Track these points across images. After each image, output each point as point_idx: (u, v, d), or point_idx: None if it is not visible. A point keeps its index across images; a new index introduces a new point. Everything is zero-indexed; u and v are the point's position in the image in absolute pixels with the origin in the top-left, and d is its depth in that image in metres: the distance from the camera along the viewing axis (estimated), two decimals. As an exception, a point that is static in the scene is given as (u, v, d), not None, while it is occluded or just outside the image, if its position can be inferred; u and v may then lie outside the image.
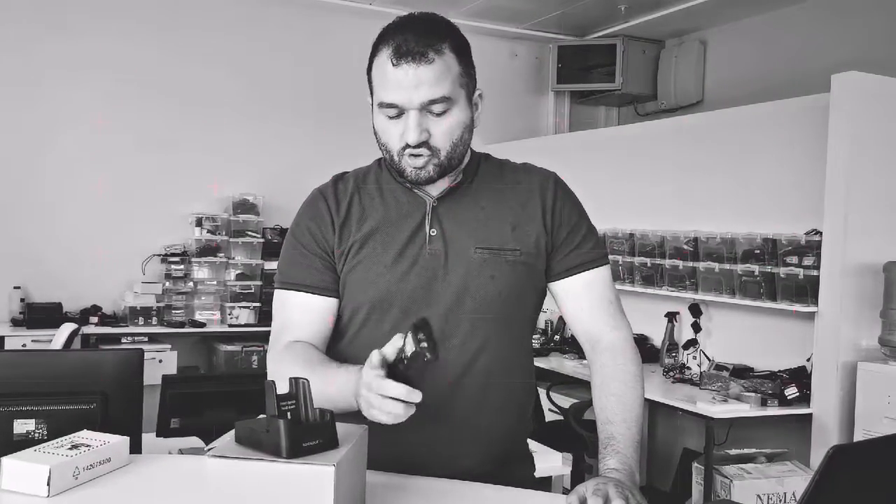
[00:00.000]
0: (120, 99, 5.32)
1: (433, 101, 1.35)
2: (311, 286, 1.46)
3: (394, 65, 1.34)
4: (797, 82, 4.70)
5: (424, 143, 1.37)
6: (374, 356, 1.19)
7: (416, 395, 1.15)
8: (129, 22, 5.35)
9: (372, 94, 1.42)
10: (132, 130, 5.35)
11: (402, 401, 1.15)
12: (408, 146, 1.37)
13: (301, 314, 1.46)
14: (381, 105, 1.37)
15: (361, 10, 5.63)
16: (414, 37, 1.34)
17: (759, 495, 3.34)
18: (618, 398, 1.40)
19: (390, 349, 1.19)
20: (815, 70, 4.52)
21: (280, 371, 1.40)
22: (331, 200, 1.49)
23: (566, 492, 1.26)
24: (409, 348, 1.16)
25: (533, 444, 2.71)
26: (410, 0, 5.46)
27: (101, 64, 5.29)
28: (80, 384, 1.66)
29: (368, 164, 1.56)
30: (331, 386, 1.29)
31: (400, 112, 1.36)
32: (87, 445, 1.41)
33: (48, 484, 1.28)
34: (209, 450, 1.13)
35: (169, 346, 5.04)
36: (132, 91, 5.35)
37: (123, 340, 5.00)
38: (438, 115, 1.37)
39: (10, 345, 4.64)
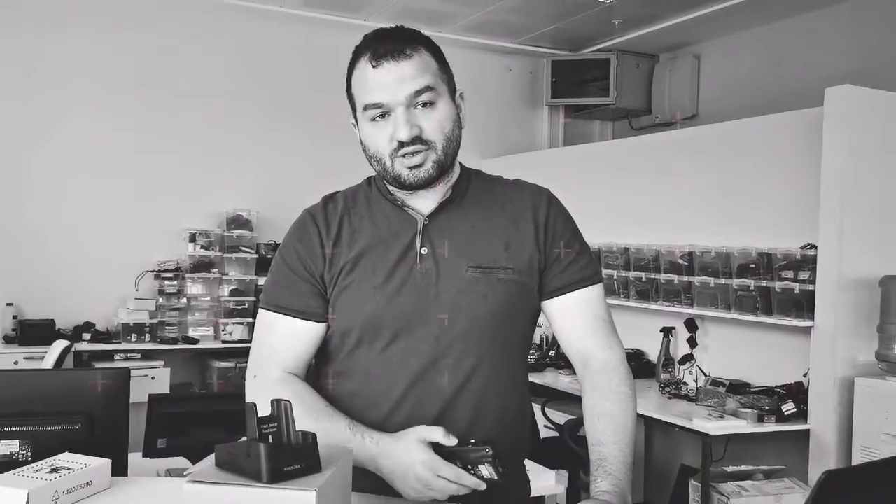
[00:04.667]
0: (113, 116, 5.31)
1: (418, 92, 1.35)
2: (298, 311, 1.43)
3: (374, 66, 1.35)
4: (791, 96, 4.69)
5: (418, 139, 1.35)
6: (429, 436, 1.26)
7: (482, 485, 1.23)
8: (123, 43, 5.34)
9: (354, 110, 1.42)
10: (125, 147, 5.34)
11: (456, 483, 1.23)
12: (401, 145, 1.35)
13: (286, 339, 1.43)
14: (367, 107, 1.36)
15: (356, 25, 5.62)
16: (389, 39, 1.36)
17: (756, 512, 3.31)
18: (610, 419, 1.37)
19: (440, 435, 1.25)
20: (809, 84, 4.52)
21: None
22: (321, 223, 1.45)
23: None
24: (487, 473, 1.22)
25: (527, 463, 2.68)
26: (402, 17, 5.49)
27: (93, 81, 5.28)
28: (65, 404, 1.64)
29: (357, 184, 1.53)
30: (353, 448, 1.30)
31: (385, 112, 1.35)
32: (68, 468, 1.39)
33: (26, 509, 1.25)
34: (188, 474, 1.10)
35: (162, 363, 5.02)
36: (125, 108, 5.34)
37: (116, 357, 4.98)
38: (426, 107, 1.36)
39: (1, 362, 4.60)
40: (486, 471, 1.22)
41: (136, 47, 5.38)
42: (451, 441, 1.25)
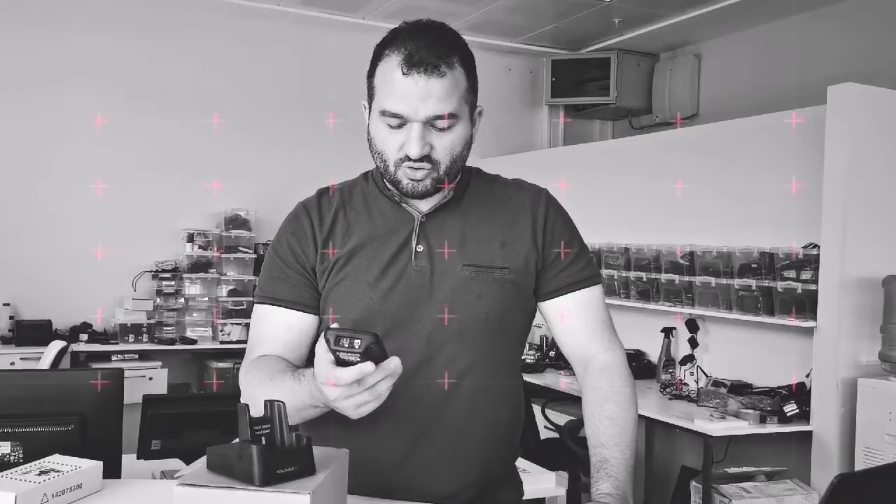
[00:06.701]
0: (110, 117, 5.28)
1: (439, 117, 1.30)
2: (288, 301, 1.41)
3: (403, 73, 1.28)
4: (793, 94, 4.67)
5: (426, 158, 1.32)
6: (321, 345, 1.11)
7: (395, 361, 1.10)
8: (121, 41, 5.33)
9: (371, 99, 1.37)
10: (123, 148, 5.32)
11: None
12: (408, 158, 1.32)
13: (275, 329, 1.41)
14: (384, 113, 1.32)
15: (354, 24, 5.61)
16: (426, 46, 1.29)
17: (758, 514, 3.28)
18: (612, 421, 1.35)
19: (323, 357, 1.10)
20: (811, 82, 4.50)
21: (244, 388, 1.36)
22: (314, 215, 1.44)
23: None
24: (353, 357, 1.07)
25: (527, 464, 2.66)
26: (401, 16, 5.46)
27: (91, 83, 5.26)
28: (57, 405, 1.61)
29: (354, 178, 1.51)
30: (298, 395, 1.22)
31: (402, 122, 1.31)
32: (58, 471, 1.36)
33: (13, 512, 1.22)
34: (178, 477, 1.07)
35: (159, 364, 5.00)
36: (122, 109, 5.31)
37: (113, 358, 4.96)
38: (442, 129, 1.32)
39: (-3, 363, 4.58)
40: (353, 358, 1.07)
41: (133, 48, 5.36)
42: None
